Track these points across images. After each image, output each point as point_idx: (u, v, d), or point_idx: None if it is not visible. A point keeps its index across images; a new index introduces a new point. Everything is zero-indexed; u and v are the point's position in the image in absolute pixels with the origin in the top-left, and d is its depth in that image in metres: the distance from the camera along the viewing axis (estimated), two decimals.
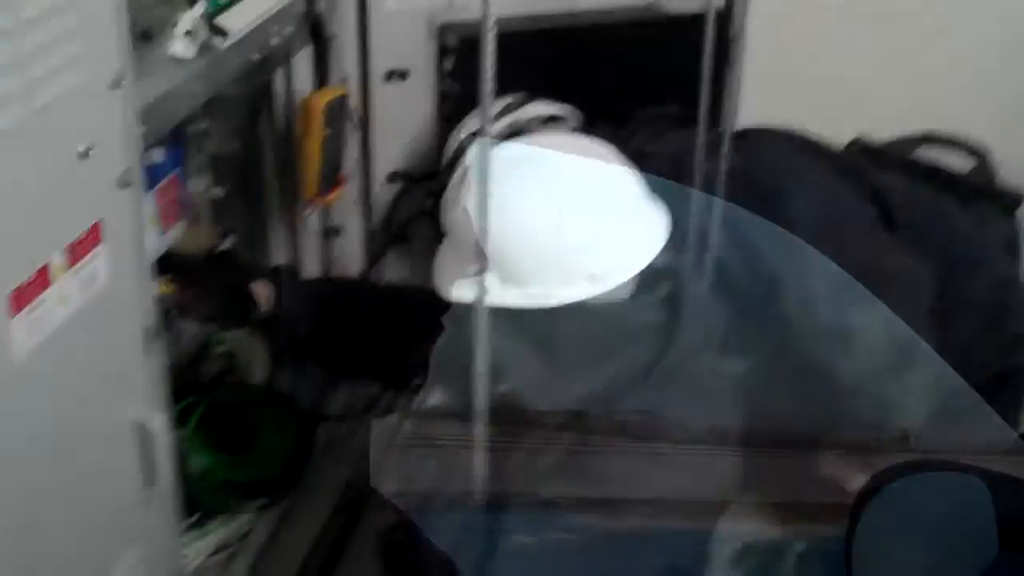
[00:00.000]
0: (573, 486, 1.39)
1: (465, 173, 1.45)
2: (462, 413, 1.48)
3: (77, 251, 1.21)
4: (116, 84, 1.24)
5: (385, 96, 2.16)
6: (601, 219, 1.35)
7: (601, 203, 1.37)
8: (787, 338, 1.86)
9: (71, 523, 1.28)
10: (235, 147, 2.17)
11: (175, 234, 1.84)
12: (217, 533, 1.90)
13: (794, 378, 1.96)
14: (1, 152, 1.08)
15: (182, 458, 1.90)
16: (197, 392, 2.00)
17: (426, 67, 2.17)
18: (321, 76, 2.00)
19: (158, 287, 1.75)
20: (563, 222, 1.34)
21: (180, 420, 1.97)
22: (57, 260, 1.18)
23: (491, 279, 1.37)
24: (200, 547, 1.86)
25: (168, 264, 1.93)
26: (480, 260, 1.29)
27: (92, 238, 1.24)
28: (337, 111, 1.98)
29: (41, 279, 1.16)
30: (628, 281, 1.40)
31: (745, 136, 2.08)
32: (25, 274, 1.14)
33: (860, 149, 2.37)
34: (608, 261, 1.38)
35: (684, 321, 1.44)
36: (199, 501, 1.90)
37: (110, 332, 1.32)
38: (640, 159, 1.89)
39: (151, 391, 1.41)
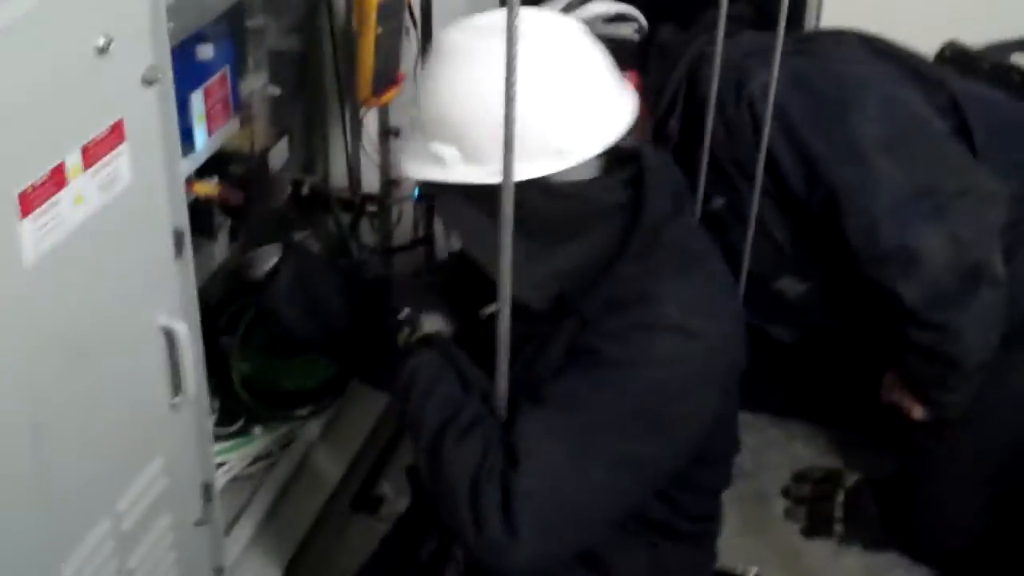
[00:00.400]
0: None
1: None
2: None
3: (95, 151, 1.16)
4: None
5: None
6: (565, 95, 1.30)
7: (565, 79, 1.31)
8: (846, 255, 1.77)
9: (93, 428, 1.26)
10: (294, 44, 2.11)
11: (225, 133, 1.79)
12: (260, 440, 1.87)
13: (851, 298, 1.87)
14: (10, 46, 1.03)
15: (227, 363, 1.89)
16: (248, 297, 1.96)
17: None
18: None
19: (210, 187, 1.72)
20: (524, 97, 1.25)
21: (230, 325, 1.95)
22: (72, 160, 1.14)
23: (453, 156, 1.35)
24: (243, 454, 1.84)
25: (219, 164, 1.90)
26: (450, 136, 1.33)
27: (113, 137, 1.19)
28: (393, 8, 1.90)
29: (55, 179, 1.12)
30: (593, 160, 1.36)
31: (814, 38, 1.96)
32: (36, 174, 1.09)
33: (951, 54, 2.23)
34: (572, 137, 1.33)
35: (649, 195, 1.40)
36: (243, 407, 1.88)
37: (135, 234, 1.28)
38: (700, 61, 1.79)
39: (180, 296, 1.37)
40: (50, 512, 1.21)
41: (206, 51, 1.72)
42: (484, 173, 1.33)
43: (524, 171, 1.31)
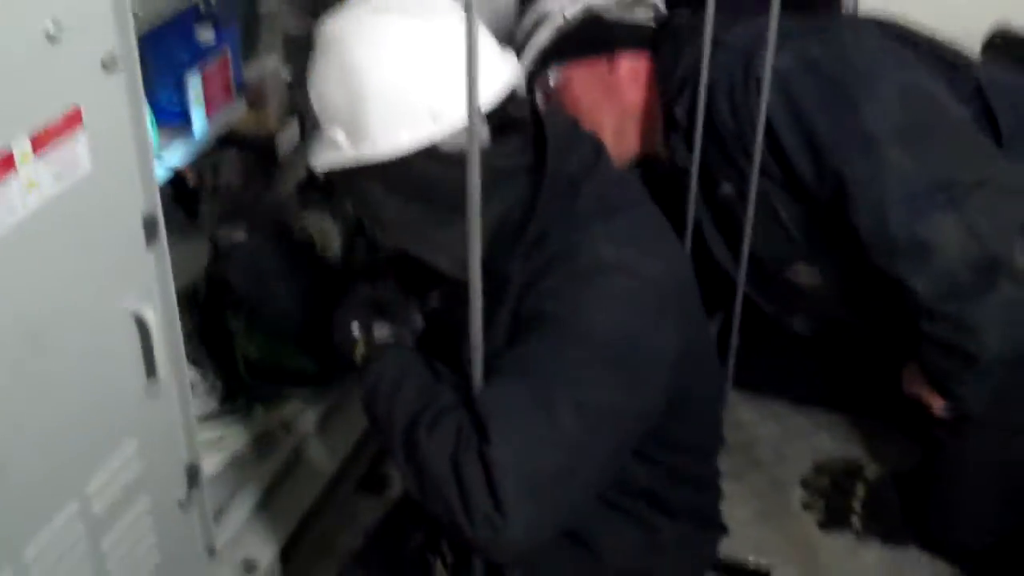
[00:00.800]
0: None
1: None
2: None
3: (46, 137, 1.17)
4: None
5: None
6: (436, 60, 1.36)
7: (437, 47, 1.37)
8: (858, 245, 1.71)
9: (54, 413, 1.27)
10: (308, 27, 2.10)
11: (226, 117, 1.79)
12: (262, 420, 1.88)
13: (866, 289, 1.81)
14: None
15: (231, 341, 1.90)
16: None
17: None
18: None
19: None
20: (392, 62, 1.36)
21: (239, 304, 1.95)
22: (20, 147, 1.14)
23: (341, 138, 1.41)
24: (243, 434, 1.85)
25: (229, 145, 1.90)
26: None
27: (68, 124, 1.19)
28: None
29: (2, 165, 1.12)
30: (484, 127, 1.39)
31: (830, 23, 1.89)
32: None
33: (1002, 41, 2.14)
34: (443, 99, 1.36)
35: (552, 154, 1.42)
36: (246, 386, 1.89)
37: (99, 221, 1.28)
38: (715, 45, 1.75)
39: (150, 282, 1.37)
40: (8, 494, 1.22)
41: (206, 33, 1.72)
42: (374, 145, 1.38)
43: (405, 138, 1.37)
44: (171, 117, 1.70)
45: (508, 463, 1.26)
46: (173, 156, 1.69)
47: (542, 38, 1.95)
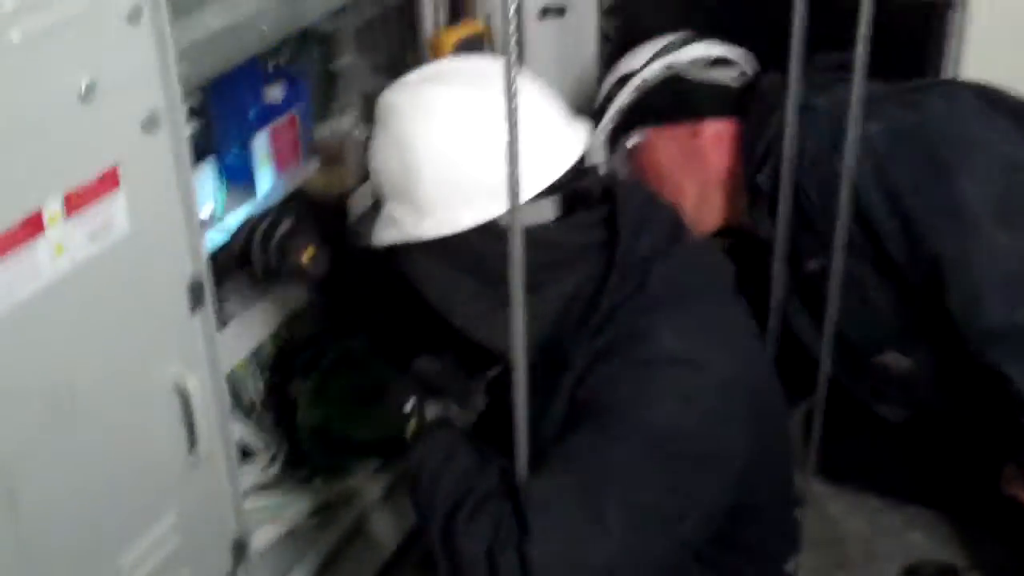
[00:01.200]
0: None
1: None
2: None
3: (79, 198, 1.12)
4: (134, 18, 1.13)
5: (540, 34, 1.98)
6: (493, 133, 1.25)
7: (494, 119, 1.25)
8: (952, 330, 1.58)
9: (86, 487, 1.21)
10: (384, 85, 2.06)
11: (294, 178, 1.75)
12: (322, 492, 1.81)
13: (962, 377, 1.67)
14: None
15: (293, 409, 1.83)
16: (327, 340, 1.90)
17: (585, 2, 1.97)
18: (454, 11, 1.84)
19: None
20: (452, 140, 1.31)
21: (308, 369, 1.90)
22: (52, 207, 1.09)
23: (403, 214, 1.35)
24: (300, 503, 1.78)
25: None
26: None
27: (104, 185, 1.15)
28: (472, 45, 1.83)
29: (27, 228, 1.07)
30: (547, 203, 1.32)
31: (923, 90, 1.77)
32: (5, 221, 1.05)
33: None
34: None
35: (624, 233, 1.33)
36: (309, 456, 1.82)
37: (139, 285, 1.23)
38: (803, 112, 1.65)
39: (195, 349, 1.32)
40: (36, 569, 1.17)
41: (275, 92, 1.69)
42: (434, 223, 1.32)
43: (467, 217, 1.31)
44: (238, 175, 1.67)
45: (547, 562, 1.19)
46: (239, 216, 1.65)
47: (623, 99, 1.88)
